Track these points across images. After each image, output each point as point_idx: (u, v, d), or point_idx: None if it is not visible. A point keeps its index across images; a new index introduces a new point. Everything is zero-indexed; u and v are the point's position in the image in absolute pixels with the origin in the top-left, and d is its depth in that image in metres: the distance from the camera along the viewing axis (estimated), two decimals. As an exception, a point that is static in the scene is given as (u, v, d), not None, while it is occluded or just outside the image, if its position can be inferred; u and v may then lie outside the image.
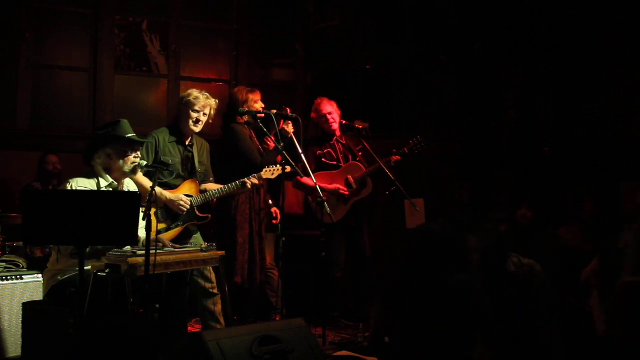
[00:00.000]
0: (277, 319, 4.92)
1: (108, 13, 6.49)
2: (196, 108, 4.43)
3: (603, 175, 6.55)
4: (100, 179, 3.76)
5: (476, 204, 7.10)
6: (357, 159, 5.40)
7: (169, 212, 4.35)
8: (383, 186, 5.46)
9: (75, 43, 6.51)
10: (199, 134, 4.63)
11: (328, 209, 4.57)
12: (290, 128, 4.87)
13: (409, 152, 5.32)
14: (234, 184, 4.53)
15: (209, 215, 4.52)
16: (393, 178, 5.14)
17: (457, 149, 6.99)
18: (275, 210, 5.17)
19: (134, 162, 3.78)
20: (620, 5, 6.60)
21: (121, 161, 3.75)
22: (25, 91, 6.26)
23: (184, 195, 4.37)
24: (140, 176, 4.10)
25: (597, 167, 6.66)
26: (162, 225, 4.25)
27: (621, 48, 6.66)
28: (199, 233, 4.58)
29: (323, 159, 5.35)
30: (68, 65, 6.48)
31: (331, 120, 5.36)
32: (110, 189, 3.78)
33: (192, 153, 4.55)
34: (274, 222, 5.13)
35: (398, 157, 5.28)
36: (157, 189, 4.21)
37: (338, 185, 5.28)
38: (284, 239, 4.48)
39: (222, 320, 4.47)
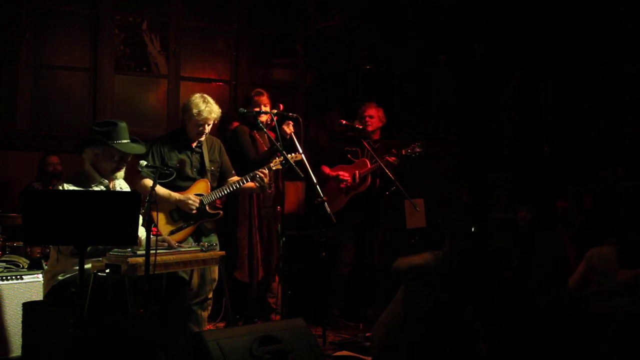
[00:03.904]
0: (277, 319, 4.92)
1: (108, 13, 6.49)
2: (200, 122, 4.42)
3: (602, 175, 6.55)
4: (93, 185, 3.71)
5: (476, 204, 7.10)
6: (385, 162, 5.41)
7: (181, 212, 4.38)
8: (383, 186, 5.47)
9: (75, 43, 6.50)
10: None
11: (328, 209, 4.56)
12: (290, 128, 4.87)
13: (405, 154, 5.35)
14: (242, 178, 4.49)
15: (221, 212, 4.53)
16: (393, 178, 5.15)
17: (457, 149, 6.99)
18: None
19: (118, 168, 3.75)
20: (620, 5, 6.60)
21: (105, 163, 3.73)
22: (25, 91, 6.25)
23: (193, 194, 4.39)
24: (146, 181, 4.19)
25: (597, 167, 6.65)
26: (175, 225, 4.35)
27: (621, 48, 6.66)
28: (215, 235, 4.56)
29: (349, 155, 5.52)
30: (68, 65, 6.47)
31: (368, 123, 5.50)
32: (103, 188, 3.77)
33: (201, 153, 4.55)
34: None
35: (393, 159, 5.31)
36: (166, 192, 4.33)
37: (340, 172, 5.42)
38: (284, 239, 4.48)
39: (204, 325, 4.46)
